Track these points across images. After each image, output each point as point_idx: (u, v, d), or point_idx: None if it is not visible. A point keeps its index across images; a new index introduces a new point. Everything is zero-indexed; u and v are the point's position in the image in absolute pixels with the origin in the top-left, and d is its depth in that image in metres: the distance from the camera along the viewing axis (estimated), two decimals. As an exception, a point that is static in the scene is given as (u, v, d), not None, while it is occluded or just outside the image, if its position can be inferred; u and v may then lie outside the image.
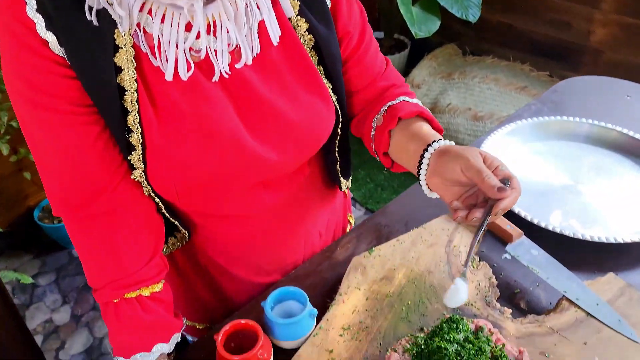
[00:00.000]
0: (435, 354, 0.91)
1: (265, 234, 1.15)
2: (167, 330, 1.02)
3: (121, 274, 0.96)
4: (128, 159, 0.91)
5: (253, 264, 1.20)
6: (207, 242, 1.15)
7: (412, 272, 1.17)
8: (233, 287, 1.23)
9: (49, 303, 2.62)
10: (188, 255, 1.18)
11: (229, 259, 1.18)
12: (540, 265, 1.15)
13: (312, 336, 1.05)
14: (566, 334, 1.03)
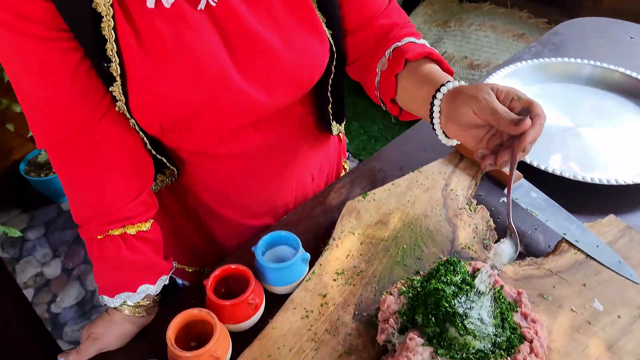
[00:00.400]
0: (431, 296, 0.88)
1: (255, 173, 1.11)
2: (153, 271, 0.99)
3: (105, 209, 0.93)
4: (110, 91, 0.86)
5: (243, 205, 1.16)
6: (196, 182, 1.10)
7: (407, 216, 1.14)
8: (223, 230, 1.19)
9: (39, 257, 2.60)
10: (177, 196, 1.14)
11: (218, 199, 1.14)
12: (539, 208, 1.12)
13: (305, 281, 1.02)
14: (565, 275, 1.01)
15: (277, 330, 0.95)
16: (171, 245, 1.23)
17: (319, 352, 0.92)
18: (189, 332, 0.94)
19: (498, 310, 0.87)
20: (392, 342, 0.89)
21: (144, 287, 0.97)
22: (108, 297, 0.97)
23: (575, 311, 0.95)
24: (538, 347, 0.84)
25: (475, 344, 0.83)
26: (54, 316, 2.35)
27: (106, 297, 0.98)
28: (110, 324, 0.98)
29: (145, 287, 0.98)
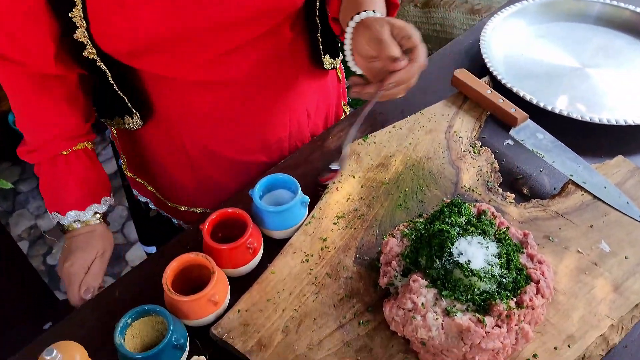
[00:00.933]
0: (436, 238, 0.85)
1: (244, 104, 1.05)
2: (98, 191, 1.04)
3: (71, 126, 0.98)
4: (70, 17, 0.82)
5: (232, 139, 1.10)
6: (181, 114, 1.05)
7: (409, 158, 1.10)
8: (213, 167, 1.14)
9: (32, 209, 2.57)
10: (163, 131, 1.09)
11: (205, 133, 1.08)
12: (545, 149, 1.08)
13: (304, 225, 0.99)
14: (571, 217, 0.98)
15: (276, 275, 0.93)
16: (162, 183, 1.20)
17: (319, 296, 0.90)
18: (186, 278, 0.92)
19: (504, 251, 0.85)
20: (394, 285, 0.87)
21: (93, 207, 1.03)
22: (59, 213, 1.01)
23: (582, 253, 0.93)
24: (544, 288, 0.82)
25: (481, 285, 0.81)
26: (50, 268, 2.34)
27: (73, 212, 1.01)
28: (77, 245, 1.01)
29: (94, 207, 1.03)
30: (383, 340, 0.84)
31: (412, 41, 0.86)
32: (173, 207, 1.24)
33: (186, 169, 1.14)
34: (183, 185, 1.18)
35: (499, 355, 0.79)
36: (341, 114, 1.32)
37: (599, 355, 0.83)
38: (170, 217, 1.28)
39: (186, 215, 1.25)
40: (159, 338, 0.85)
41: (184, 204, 1.22)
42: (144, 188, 1.25)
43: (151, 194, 1.24)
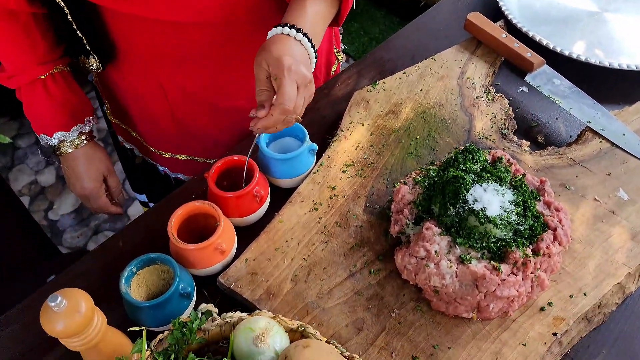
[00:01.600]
0: (450, 185, 0.82)
1: (223, 45, 0.98)
2: (80, 111, 1.05)
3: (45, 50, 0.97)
4: None
5: (212, 83, 1.04)
6: (156, 56, 0.99)
7: (420, 105, 1.06)
8: (194, 112, 1.09)
9: (32, 165, 2.53)
10: (141, 77, 1.05)
11: (183, 77, 1.02)
12: (562, 96, 1.04)
13: (313, 173, 0.96)
14: (589, 165, 0.95)
15: (284, 224, 0.90)
16: (144, 128, 1.17)
17: (329, 245, 0.87)
18: (192, 228, 0.89)
19: (520, 198, 0.82)
20: (406, 233, 0.85)
21: (90, 119, 1.07)
22: (64, 131, 1.03)
23: (599, 201, 0.90)
24: (562, 236, 0.80)
25: (497, 233, 0.78)
26: (52, 223, 2.32)
27: (59, 133, 1.03)
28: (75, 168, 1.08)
29: (79, 127, 1.05)
30: (394, 289, 0.82)
31: (276, 84, 0.79)
32: (157, 154, 1.20)
33: (166, 113, 1.09)
34: (165, 131, 1.14)
35: (513, 302, 0.77)
36: (333, 61, 1.26)
37: (615, 303, 0.82)
38: (155, 164, 1.25)
39: (170, 162, 1.21)
40: (165, 287, 0.83)
41: (168, 151, 1.18)
42: (128, 134, 1.21)
43: (136, 140, 1.21)
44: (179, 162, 1.21)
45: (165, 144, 1.19)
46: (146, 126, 1.17)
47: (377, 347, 0.77)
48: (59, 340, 0.67)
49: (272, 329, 0.68)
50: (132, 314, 0.80)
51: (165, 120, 1.12)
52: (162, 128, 1.15)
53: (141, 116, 1.15)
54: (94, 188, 1.11)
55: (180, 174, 1.26)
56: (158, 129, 1.16)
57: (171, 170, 1.26)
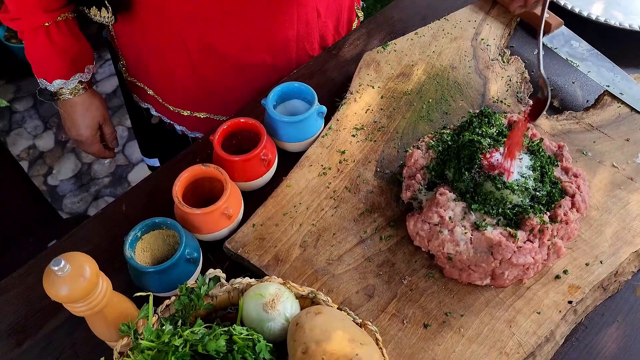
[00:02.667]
0: (465, 149, 0.79)
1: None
2: (81, 60, 1.05)
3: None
4: None
5: (235, 34, 1.01)
6: (179, 8, 0.96)
7: (433, 67, 1.02)
8: (216, 67, 1.06)
9: (30, 129, 2.49)
10: (163, 30, 1.01)
11: (207, 29, 0.99)
12: (581, 58, 1.00)
13: (321, 137, 0.93)
14: (607, 130, 0.92)
15: (292, 188, 0.87)
16: (163, 85, 1.13)
17: (338, 210, 0.85)
18: (197, 192, 0.86)
19: (537, 163, 0.79)
20: (418, 199, 0.82)
21: (90, 67, 1.06)
22: (63, 79, 1.03)
23: (617, 167, 0.88)
24: (580, 202, 0.77)
25: (513, 199, 0.76)
26: (52, 188, 2.29)
27: (59, 81, 1.03)
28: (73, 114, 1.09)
29: (88, 68, 1.06)
30: (405, 255, 0.80)
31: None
32: (175, 112, 1.17)
33: (187, 69, 1.06)
34: (185, 87, 1.10)
35: (529, 270, 0.75)
36: (354, 18, 1.22)
37: (631, 272, 0.80)
38: (173, 123, 1.21)
39: (189, 120, 1.18)
40: (170, 252, 0.81)
41: (187, 109, 1.15)
42: (144, 93, 1.18)
43: (152, 98, 1.17)
44: (198, 120, 1.18)
45: (184, 102, 1.16)
46: (165, 83, 1.14)
47: (388, 314, 0.75)
48: (63, 305, 0.66)
49: (283, 295, 0.66)
50: (137, 279, 0.78)
51: (185, 77, 1.09)
52: (181, 85, 1.12)
53: (160, 72, 1.12)
54: (90, 135, 1.13)
55: (199, 132, 1.23)
56: (177, 86, 1.13)
57: (189, 129, 1.23)
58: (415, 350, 0.72)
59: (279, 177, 0.91)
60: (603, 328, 0.77)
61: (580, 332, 0.77)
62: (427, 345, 0.73)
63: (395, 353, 0.72)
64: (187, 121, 1.18)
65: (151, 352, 0.59)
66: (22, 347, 0.79)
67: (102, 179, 2.33)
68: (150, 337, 0.62)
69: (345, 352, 0.59)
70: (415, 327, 0.74)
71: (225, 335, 0.60)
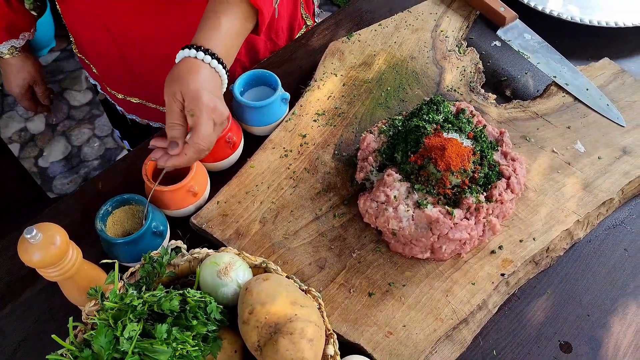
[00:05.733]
0: (412, 134, 0.86)
1: None
2: (16, 28, 1.16)
3: None
4: None
5: (160, 29, 1.03)
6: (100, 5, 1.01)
7: (393, 57, 1.08)
8: (142, 58, 1.10)
9: (22, 112, 2.54)
10: (88, 14, 1.06)
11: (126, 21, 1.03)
12: (532, 50, 1.07)
13: (285, 121, 1.00)
14: (550, 118, 0.99)
15: (255, 169, 0.94)
16: (100, 65, 1.19)
17: (297, 189, 0.92)
18: (168, 172, 0.93)
19: (478, 148, 0.86)
20: (370, 179, 0.89)
21: (25, 34, 1.18)
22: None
23: (556, 152, 0.94)
24: (515, 184, 0.84)
25: (452, 180, 0.82)
26: (43, 170, 2.36)
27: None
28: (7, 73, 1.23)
29: (23, 35, 1.18)
30: (356, 231, 0.87)
31: (192, 120, 0.77)
32: (112, 93, 1.23)
33: (115, 56, 1.10)
34: (117, 73, 1.16)
35: (465, 245, 0.82)
36: (300, 26, 1.24)
37: (563, 248, 0.87)
38: (114, 103, 1.27)
39: (125, 103, 1.24)
40: (139, 226, 0.87)
41: (121, 92, 1.21)
42: (91, 70, 1.24)
43: (97, 77, 1.24)
44: (133, 104, 1.24)
45: (119, 85, 1.22)
46: (101, 66, 1.20)
47: (337, 284, 0.82)
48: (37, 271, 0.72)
49: (235, 263, 0.74)
50: (108, 249, 0.85)
51: (114, 63, 1.14)
52: (113, 70, 1.17)
53: (94, 55, 1.18)
54: (19, 93, 1.30)
55: (135, 115, 1.28)
56: (110, 70, 1.18)
57: (126, 111, 1.28)
58: (359, 316, 0.80)
59: (245, 158, 0.98)
60: (534, 299, 0.85)
61: (513, 302, 0.84)
62: (370, 311, 0.80)
63: (341, 318, 0.79)
64: (123, 103, 1.24)
65: (113, 312, 0.66)
66: (4, 311, 0.87)
67: (91, 161, 2.40)
68: (114, 300, 0.69)
69: (285, 313, 0.66)
70: (361, 296, 0.81)
71: (179, 297, 0.67)
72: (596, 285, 0.86)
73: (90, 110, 2.53)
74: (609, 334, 0.82)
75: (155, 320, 0.67)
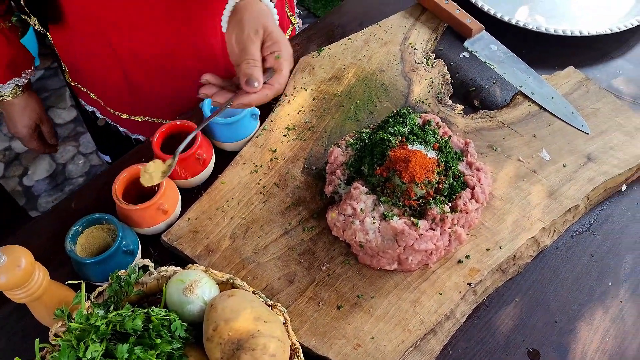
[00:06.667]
0: (377, 146, 0.87)
1: (171, 6, 0.99)
2: (18, 65, 1.12)
3: None
4: None
5: (161, 43, 1.05)
6: (102, 18, 1.02)
7: (362, 71, 1.10)
8: (146, 73, 1.11)
9: (6, 131, 2.54)
10: (92, 37, 1.07)
11: (132, 37, 1.04)
12: (498, 61, 1.08)
13: (255, 137, 1.01)
14: (516, 127, 1.00)
15: (226, 185, 0.95)
16: (102, 89, 1.20)
17: (267, 204, 0.93)
18: (140, 189, 0.94)
19: (443, 159, 0.87)
20: (338, 193, 0.90)
21: (27, 72, 1.15)
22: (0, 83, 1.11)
23: (522, 161, 0.96)
24: (479, 193, 0.85)
25: (417, 191, 0.83)
26: (27, 189, 2.36)
27: None
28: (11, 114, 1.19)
29: (25, 72, 1.14)
30: (325, 244, 0.88)
31: (278, 63, 0.79)
32: (116, 115, 1.24)
33: (119, 74, 1.12)
34: (120, 92, 1.17)
35: (432, 255, 0.83)
36: (287, 25, 1.28)
37: (530, 256, 0.88)
38: (116, 125, 1.28)
39: (129, 123, 1.24)
40: (112, 245, 0.88)
41: (125, 112, 1.22)
42: (87, 96, 1.25)
43: (96, 102, 1.24)
44: (137, 123, 1.25)
45: (122, 106, 1.23)
46: (102, 87, 1.20)
47: (306, 297, 0.83)
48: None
49: (201, 280, 0.74)
50: (79, 269, 0.85)
51: (118, 82, 1.15)
52: (117, 90, 1.18)
53: (96, 77, 1.18)
54: (26, 134, 1.24)
55: (140, 135, 1.30)
56: (113, 90, 1.19)
57: (131, 131, 1.30)
58: (328, 329, 0.80)
59: (216, 174, 0.98)
60: (502, 307, 0.86)
61: (481, 311, 0.85)
62: (338, 324, 0.81)
63: (310, 332, 0.80)
64: (127, 124, 1.25)
65: (76, 333, 0.67)
66: (-25, 334, 0.87)
67: (76, 178, 2.40)
68: (80, 320, 0.69)
69: (248, 329, 0.66)
70: (330, 309, 0.82)
71: (142, 316, 0.68)
72: (563, 292, 0.87)
73: (75, 128, 2.53)
74: (576, 339, 0.83)
75: (119, 340, 0.68)
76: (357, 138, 0.93)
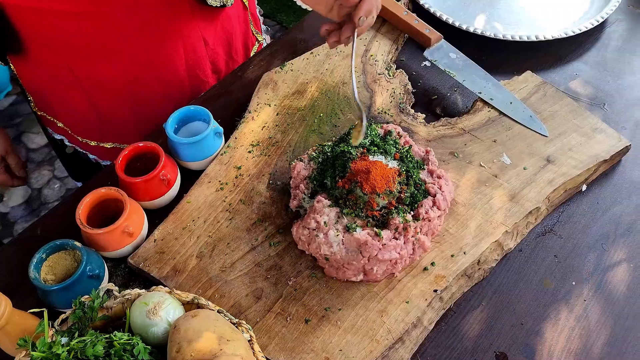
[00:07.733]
0: (339, 159, 0.88)
1: (122, 32, 1.00)
2: None
3: None
4: None
5: (124, 70, 1.07)
6: (64, 46, 1.02)
7: (325, 84, 1.11)
8: (111, 100, 1.12)
9: (-21, 158, 2.52)
10: (55, 67, 1.07)
11: (93, 65, 1.05)
12: (457, 69, 1.10)
13: (220, 155, 1.01)
14: (477, 133, 1.02)
15: (192, 204, 0.95)
16: (68, 118, 1.20)
17: (233, 221, 0.93)
18: (105, 213, 0.93)
19: (404, 168, 0.88)
20: (303, 207, 0.90)
21: None
22: None
23: (484, 166, 0.97)
24: (440, 201, 0.86)
25: (379, 202, 0.84)
26: (3, 215, 2.33)
27: None
28: None
29: None
30: (292, 259, 0.89)
31: None
32: (84, 143, 1.23)
33: (83, 101, 1.12)
34: (86, 119, 1.17)
35: (397, 265, 0.84)
36: (253, 42, 1.30)
37: (494, 259, 0.89)
38: (86, 152, 1.28)
39: (98, 150, 1.24)
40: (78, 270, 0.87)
41: (94, 139, 1.22)
42: (55, 125, 1.24)
43: (63, 130, 1.24)
44: (106, 149, 1.24)
45: (90, 133, 1.23)
46: (68, 115, 1.20)
47: (273, 313, 0.83)
48: (-35, 325, 0.72)
49: (165, 302, 0.74)
50: (43, 297, 0.84)
51: (83, 109, 1.15)
52: (83, 117, 1.18)
53: (61, 105, 1.18)
54: None
55: (110, 161, 1.30)
56: (80, 118, 1.19)
57: (100, 158, 1.29)
58: (297, 344, 0.80)
59: (182, 194, 0.98)
60: (469, 312, 0.87)
61: (449, 317, 0.86)
62: (307, 338, 0.81)
63: (279, 348, 0.80)
64: (96, 151, 1.25)
65: (38, 361, 0.66)
66: (-59, 368, 0.85)
67: (52, 202, 2.37)
68: (42, 349, 0.69)
69: (211, 349, 0.66)
70: (298, 323, 0.82)
71: (104, 342, 0.67)
72: (529, 294, 0.88)
73: (50, 152, 2.51)
74: (543, 340, 0.84)
75: (82, 366, 0.67)
76: (320, 151, 0.94)
